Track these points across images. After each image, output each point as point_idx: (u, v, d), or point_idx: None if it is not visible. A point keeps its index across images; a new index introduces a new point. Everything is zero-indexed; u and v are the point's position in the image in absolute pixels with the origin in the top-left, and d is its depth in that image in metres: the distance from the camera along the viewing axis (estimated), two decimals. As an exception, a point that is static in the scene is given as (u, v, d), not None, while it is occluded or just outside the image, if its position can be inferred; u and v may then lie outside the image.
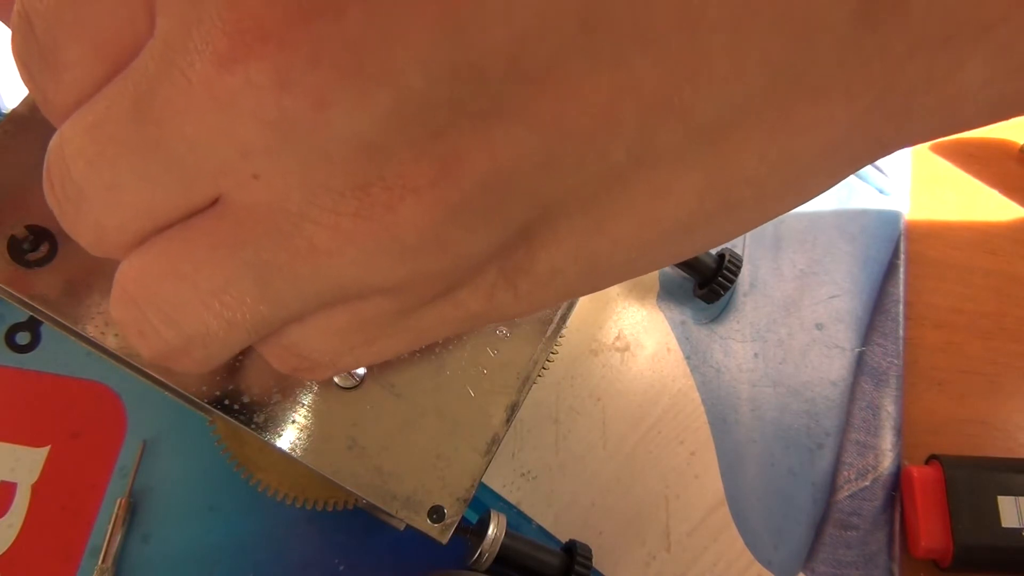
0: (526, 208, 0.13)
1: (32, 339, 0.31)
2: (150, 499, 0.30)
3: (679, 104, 0.11)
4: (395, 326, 0.15)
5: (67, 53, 0.13)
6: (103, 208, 0.13)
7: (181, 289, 0.14)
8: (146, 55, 0.12)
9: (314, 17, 0.10)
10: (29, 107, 0.21)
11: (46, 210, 0.14)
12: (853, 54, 0.11)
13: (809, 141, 0.12)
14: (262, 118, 0.11)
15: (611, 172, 0.12)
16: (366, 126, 0.11)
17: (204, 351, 0.15)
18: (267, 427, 0.20)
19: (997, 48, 0.11)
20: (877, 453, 0.35)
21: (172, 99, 0.11)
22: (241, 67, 0.11)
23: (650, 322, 0.36)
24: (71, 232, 0.14)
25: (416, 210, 0.12)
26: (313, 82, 0.11)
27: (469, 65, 0.11)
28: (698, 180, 0.13)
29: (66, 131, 0.13)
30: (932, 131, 0.13)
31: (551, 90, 0.11)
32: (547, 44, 0.11)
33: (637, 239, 0.14)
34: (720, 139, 0.12)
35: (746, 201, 0.13)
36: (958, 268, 0.40)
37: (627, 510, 0.33)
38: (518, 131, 0.11)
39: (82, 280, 0.20)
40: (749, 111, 0.12)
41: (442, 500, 0.21)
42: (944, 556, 0.33)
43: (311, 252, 0.13)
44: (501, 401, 0.22)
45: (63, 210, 0.14)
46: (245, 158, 0.12)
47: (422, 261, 0.13)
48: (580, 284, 0.15)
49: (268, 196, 0.12)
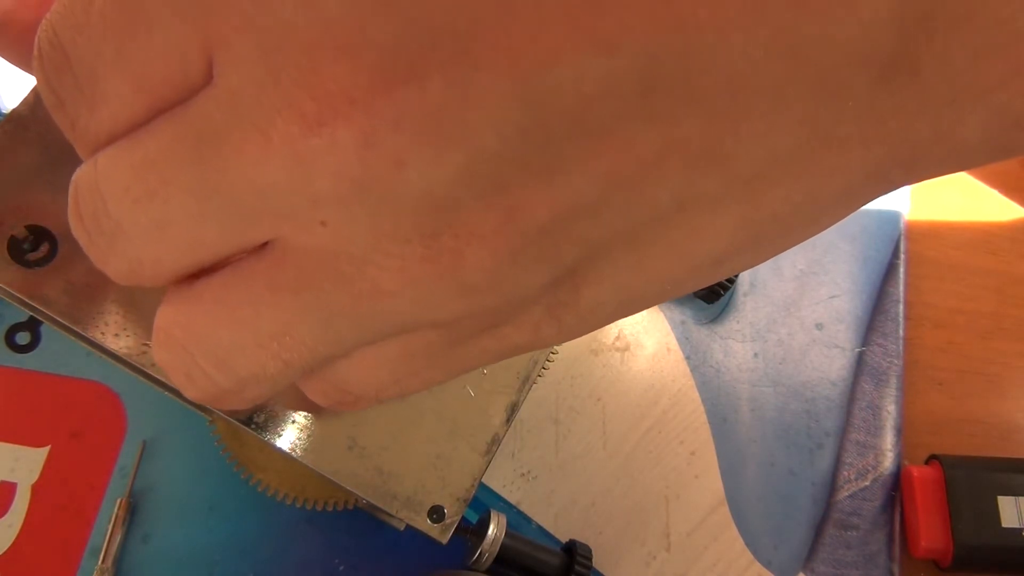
0: (576, 249, 0.14)
1: (32, 339, 0.31)
2: (150, 499, 0.30)
3: (720, 156, 0.13)
4: (440, 358, 0.16)
5: (107, 87, 0.13)
6: (143, 244, 0.13)
7: (238, 334, 0.14)
8: (209, 103, 0.12)
9: (399, 86, 0.11)
10: (29, 107, 0.21)
11: (46, 210, 0.14)
12: (872, 112, 0.13)
13: (830, 185, 0.14)
14: (341, 174, 0.12)
15: (655, 216, 0.14)
16: (439, 183, 0.12)
17: (256, 391, 0.15)
18: (267, 427, 0.20)
19: (995, 108, 0.13)
20: (877, 453, 0.35)
21: (243, 150, 0.12)
22: (328, 130, 0.11)
23: (650, 322, 0.36)
24: (99, 264, 0.14)
25: (481, 254, 0.13)
26: (395, 143, 0.11)
27: (538, 126, 0.12)
28: (732, 221, 0.14)
29: (104, 166, 0.13)
30: (936, 174, 0.15)
31: (608, 146, 0.12)
32: (608, 106, 0.12)
33: (672, 274, 0.15)
34: (754, 185, 0.13)
35: (771, 236, 0.15)
36: (958, 268, 0.40)
37: (627, 510, 0.33)
38: (576, 182, 0.12)
39: (83, 280, 0.20)
40: (780, 160, 0.13)
41: (442, 500, 0.21)
42: (944, 556, 0.33)
43: (374, 293, 0.13)
44: (501, 401, 0.22)
45: (93, 241, 0.14)
46: (315, 207, 0.12)
47: (479, 298, 0.14)
48: (616, 315, 0.16)
49: (332, 242, 0.13)
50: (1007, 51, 0.12)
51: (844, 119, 0.13)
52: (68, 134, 0.14)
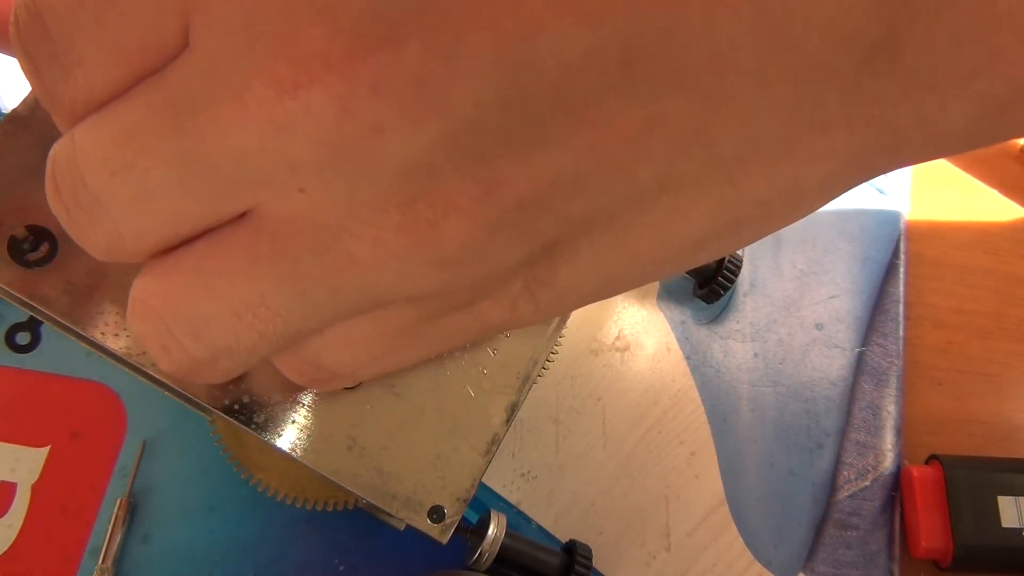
0: (555, 225, 0.14)
1: (32, 339, 0.31)
2: (150, 499, 0.30)
3: (704, 136, 0.12)
4: (415, 336, 0.16)
5: (82, 53, 0.12)
6: (124, 217, 0.13)
7: (214, 304, 0.14)
8: (185, 69, 0.12)
9: (376, 50, 0.11)
10: (29, 107, 0.21)
11: (46, 210, 0.14)
12: (856, 97, 0.13)
13: (814, 169, 0.14)
14: (318, 140, 0.12)
15: (636, 195, 0.13)
16: (417, 150, 0.12)
17: (229, 363, 0.15)
18: (267, 427, 0.20)
19: (976, 94, 0.13)
20: (877, 453, 0.35)
21: (220, 117, 0.12)
22: (304, 92, 0.11)
23: (650, 322, 0.36)
24: (79, 239, 0.14)
25: (458, 226, 0.13)
26: (372, 109, 0.11)
27: (518, 97, 0.11)
28: (713, 203, 0.14)
29: (81, 139, 0.13)
30: (917, 160, 0.15)
31: (589, 120, 0.12)
32: (589, 80, 0.11)
33: (653, 255, 0.15)
34: (736, 167, 0.13)
35: (753, 220, 0.15)
36: (958, 268, 0.40)
37: (627, 510, 0.33)
38: (557, 156, 0.12)
39: (82, 280, 0.20)
40: (764, 143, 0.13)
41: (442, 500, 0.21)
42: (944, 556, 0.33)
43: (349, 264, 0.13)
44: (501, 401, 0.22)
45: (72, 217, 0.14)
46: (293, 173, 0.12)
47: (455, 272, 0.14)
48: (595, 295, 0.16)
49: (309, 209, 0.13)
50: (986, 36, 0.12)
51: (828, 102, 0.13)
52: (45, 104, 0.14)
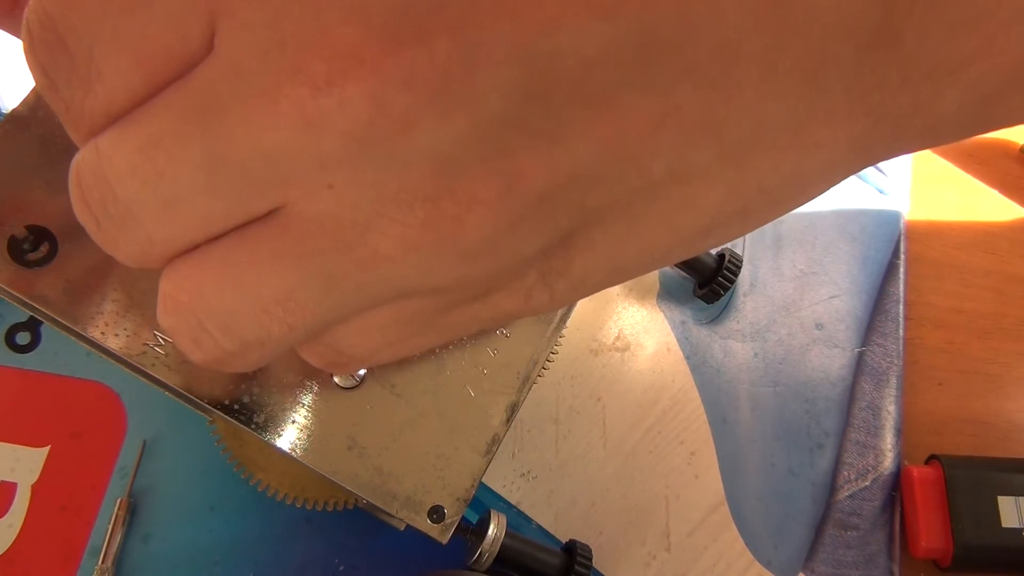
0: (572, 217, 0.14)
1: (32, 339, 0.31)
2: (150, 499, 0.30)
3: (713, 126, 0.13)
4: (432, 323, 0.16)
5: (103, 65, 0.12)
6: (155, 225, 0.13)
7: (243, 299, 0.14)
8: (212, 73, 0.12)
9: (406, 45, 0.11)
10: (29, 107, 0.21)
11: (46, 210, 0.14)
12: (857, 84, 0.13)
13: (816, 157, 0.14)
14: (351, 135, 0.12)
15: (650, 185, 0.14)
16: (446, 143, 0.12)
17: (259, 354, 0.15)
18: (267, 427, 0.20)
19: (969, 82, 0.13)
20: (877, 453, 0.35)
21: (251, 117, 0.12)
22: (338, 89, 0.11)
23: (650, 322, 0.36)
24: (110, 249, 0.14)
25: (481, 220, 0.13)
26: (404, 103, 0.11)
27: (541, 89, 0.12)
28: (721, 191, 0.14)
29: (107, 149, 0.13)
30: (914, 148, 0.15)
31: (605, 113, 0.12)
32: (608, 72, 0.12)
33: (663, 244, 0.15)
34: (743, 156, 0.14)
35: (759, 207, 0.15)
36: (958, 268, 0.40)
37: (627, 510, 0.33)
38: (575, 149, 0.13)
39: (82, 280, 0.20)
40: (770, 131, 0.13)
41: (442, 500, 0.21)
42: (944, 556, 0.33)
43: (375, 259, 0.13)
44: (501, 401, 0.22)
45: (102, 228, 0.14)
46: (323, 170, 0.12)
47: (477, 265, 0.14)
48: (605, 283, 0.16)
49: (337, 206, 0.13)
50: (978, 26, 0.13)
51: (831, 90, 0.13)
52: (62, 117, 0.14)
